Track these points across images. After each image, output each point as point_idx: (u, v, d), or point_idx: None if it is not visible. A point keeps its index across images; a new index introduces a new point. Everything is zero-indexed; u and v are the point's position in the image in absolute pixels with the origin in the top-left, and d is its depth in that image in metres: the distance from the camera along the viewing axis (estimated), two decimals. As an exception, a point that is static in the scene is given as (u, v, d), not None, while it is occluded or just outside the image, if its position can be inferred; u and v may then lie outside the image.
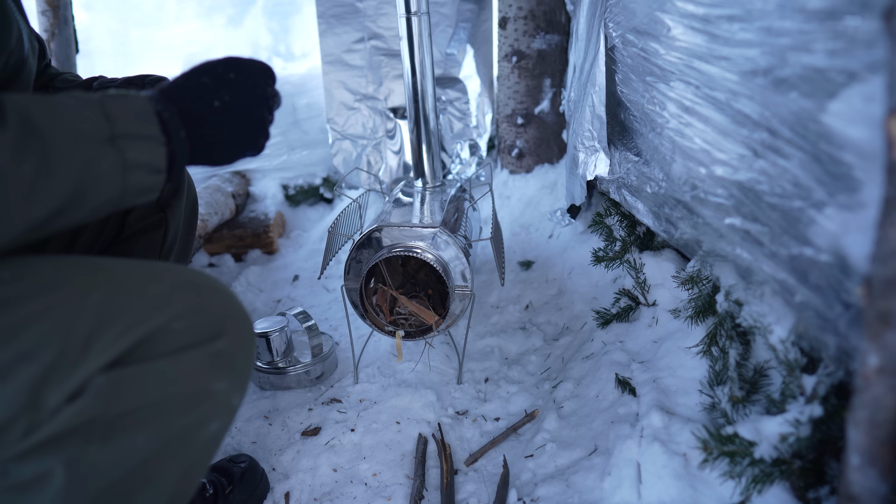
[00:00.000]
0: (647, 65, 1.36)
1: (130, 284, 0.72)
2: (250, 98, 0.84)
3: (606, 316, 1.62)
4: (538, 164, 2.53)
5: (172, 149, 0.76)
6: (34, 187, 0.64)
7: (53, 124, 0.66)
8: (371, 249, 1.57)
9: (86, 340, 0.67)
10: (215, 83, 0.81)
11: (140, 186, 0.73)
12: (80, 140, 0.67)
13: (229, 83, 0.82)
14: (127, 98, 0.74)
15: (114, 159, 0.69)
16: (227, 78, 0.82)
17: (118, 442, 0.70)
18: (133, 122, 0.72)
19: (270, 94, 0.87)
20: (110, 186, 0.70)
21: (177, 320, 0.73)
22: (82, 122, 0.68)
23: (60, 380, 0.65)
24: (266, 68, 0.87)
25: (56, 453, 0.66)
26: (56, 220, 0.68)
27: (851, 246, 0.80)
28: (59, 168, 0.65)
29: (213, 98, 0.80)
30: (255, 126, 0.85)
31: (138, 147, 0.72)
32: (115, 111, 0.71)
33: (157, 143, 0.74)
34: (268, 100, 0.86)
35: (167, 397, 0.72)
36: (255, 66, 0.86)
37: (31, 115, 0.65)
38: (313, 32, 2.68)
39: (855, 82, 0.78)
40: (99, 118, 0.69)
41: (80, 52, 2.51)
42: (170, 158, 0.76)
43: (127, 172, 0.71)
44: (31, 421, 0.64)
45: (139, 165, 0.72)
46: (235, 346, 0.78)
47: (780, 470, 0.93)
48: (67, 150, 0.66)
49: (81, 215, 0.70)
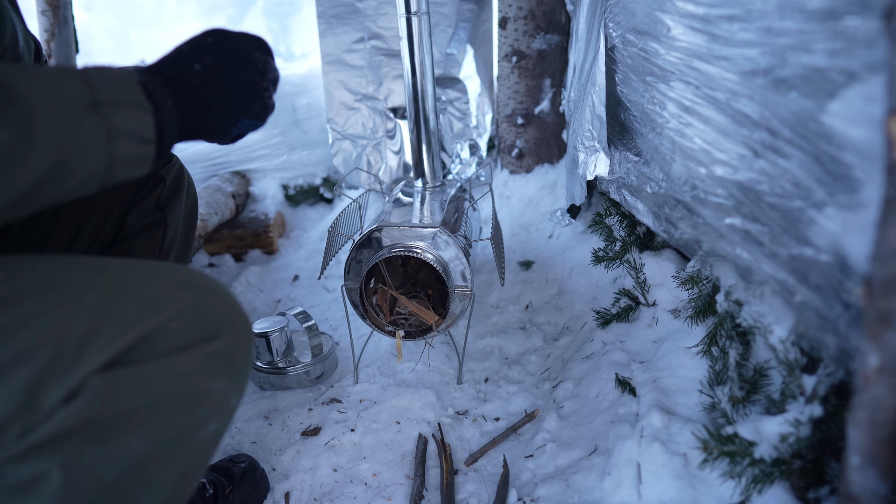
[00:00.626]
0: (647, 65, 1.36)
1: (127, 284, 0.72)
2: (234, 59, 0.80)
3: (606, 316, 1.62)
4: (538, 164, 2.53)
5: (160, 118, 0.73)
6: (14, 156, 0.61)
7: (32, 91, 0.63)
8: (371, 249, 1.57)
9: (82, 341, 0.66)
10: (193, 49, 0.79)
11: (129, 157, 0.70)
12: (61, 106, 0.64)
13: (208, 47, 0.79)
14: (108, 68, 0.71)
15: (98, 126, 0.66)
16: (205, 43, 0.79)
17: (115, 443, 0.69)
18: (116, 88, 0.69)
19: (260, 59, 0.83)
20: (96, 155, 0.67)
21: (174, 320, 0.72)
22: (62, 89, 0.65)
23: (56, 381, 0.65)
24: (256, 38, 0.84)
25: (52, 455, 0.66)
26: (41, 192, 0.65)
27: (851, 246, 0.80)
28: (39, 135, 0.62)
29: (193, 62, 0.77)
30: (244, 88, 0.81)
31: (124, 114, 0.69)
32: (96, 79, 0.68)
33: (144, 111, 0.71)
34: (255, 63, 0.82)
35: (164, 398, 0.72)
36: (242, 35, 0.83)
37: (7, 82, 0.62)
38: (313, 32, 2.68)
39: (855, 82, 0.78)
40: (80, 85, 0.67)
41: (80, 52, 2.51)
42: (158, 128, 0.72)
43: (113, 140, 0.68)
44: (27, 422, 0.64)
45: (126, 133, 0.69)
46: (233, 346, 0.78)
47: (780, 470, 0.93)
48: (48, 117, 0.63)
49: (68, 187, 0.67)
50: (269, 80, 0.85)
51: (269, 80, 0.85)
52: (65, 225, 1.10)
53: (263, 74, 0.84)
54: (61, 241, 1.10)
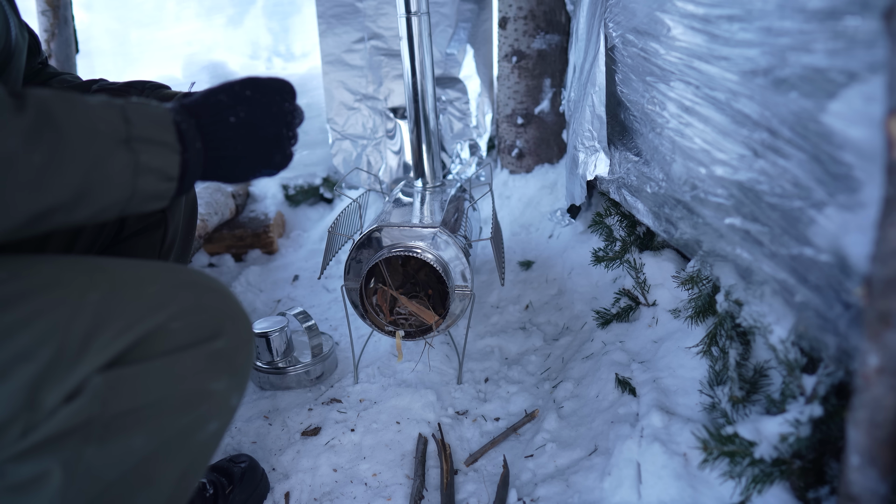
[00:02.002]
0: (647, 65, 1.36)
1: (128, 284, 0.72)
2: (266, 115, 0.85)
3: (606, 316, 1.62)
4: (538, 164, 2.53)
5: (186, 158, 0.76)
6: (42, 177, 0.64)
7: (71, 119, 0.66)
8: (371, 249, 1.57)
9: (83, 340, 0.66)
10: (232, 100, 0.82)
11: (150, 192, 0.73)
12: (96, 138, 0.68)
13: (245, 100, 0.83)
14: (148, 105, 0.74)
15: (126, 160, 0.70)
16: (243, 95, 0.83)
17: (116, 442, 0.70)
18: (151, 127, 0.73)
19: (288, 110, 0.88)
20: (120, 187, 0.70)
21: (175, 320, 0.72)
22: (100, 121, 0.69)
23: (58, 380, 0.65)
24: (285, 85, 0.88)
25: (54, 454, 0.66)
26: (60, 214, 0.67)
27: (851, 246, 0.80)
28: (70, 162, 0.65)
29: (230, 114, 0.81)
30: (270, 143, 0.86)
31: (152, 151, 0.72)
32: (134, 115, 0.72)
33: (172, 151, 0.74)
34: (285, 116, 0.87)
35: (165, 397, 0.72)
36: (274, 84, 0.87)
37: (50, 108, 0.65)
38: (313, 32, 2.68)
39: (855, 82, 0.78)
40: (118, 120, 0.70)
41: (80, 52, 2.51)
42: (182, 168, 0.76)
43: (138, 175, 0.71)
44: (29, 421, 0.64)
45: (151, 170, 0.72)
46: (234, 345, 0.78)
47: (780, 470, 0.93)
48: (81, 145, 0.66)
49: (87, 213, 0.69)
50: (294, 129, 0.90)
51: (293, 130, 0.89)
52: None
53: (290, 126, 0.88)
54: (62, 241, 1.10)
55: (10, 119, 0.62)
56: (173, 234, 1.23)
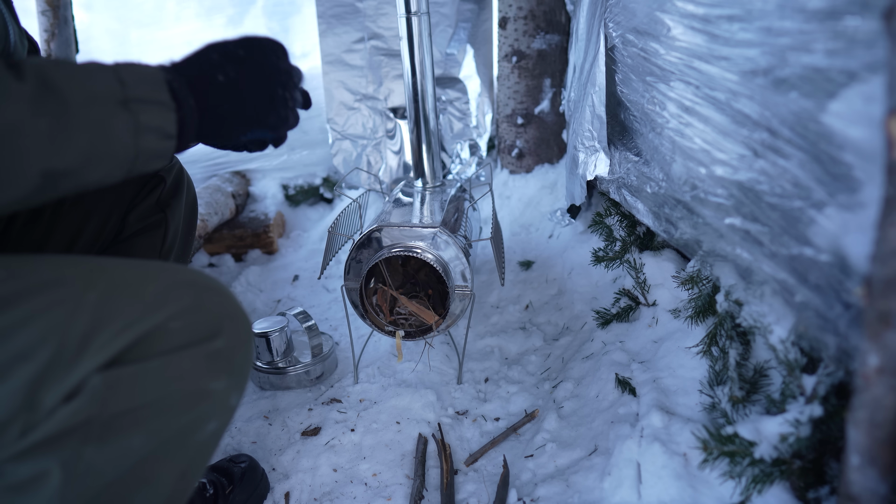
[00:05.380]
0: (647, 65, 1.36)
1: (127, 283, 0.72)
2: (258, 74, 0.83)
3: (606, 316, 1.62)
4: (538, 164, 2.52)
5: (182, 115, 0.77)
6: (50, 142, 0.65)
7: (70, 84, 0.67)
8: (371, 249, 1.57)
9: (82, 340, 0.66)
10: (222, 58, 0.82)
11: (152, 150, 0.74)
12: (96, 100, 0.69)
13: (237, 59, 0.82)
14: (138, 66, 0.75)
15: (127, 121, 0.71)
16: (235, 54, 0.83)
17: (115, 442, 0.70)
18: (145, 87, 0.73)
19: (283, 69, 0.86)
20: (124, 148, 0.71)
21: (174, 320, 0.72)
22: (97, 84, 0.70)
23: (57, 379, 0.65)
24: (278, 45, 0.87)
25: (53, 453, 0.66)
26: (70, 179, 0.68)
27: (851, 246, 0.80)
28: (74, 126, 0.66)
29: (218, 72, 0.81)
30: (263, 102, 0.84)
31: (150, 111, 0.73)
32: (127, 76, 0.72)
33: (168, 109, 0.75)
34: (279, 75, 0.85)
35: (164, 397, 0.72)
36: (267, 43, 0.86)
37: (48, 74, 0.66)
38: (313, 32, 2.68)
39: (855, 82, 0.78)
40: (113, 81, 0.71)
41: (80, 52, 2.51)
42: (180, 125, 0.77)
43: (139, 135, 0.72)
44: (28, 421, 0.64)
45: (151, 129, 0.73)
46: (233, 345, 0.78)
47: (780, 470, 0.93)
48: (83, 109, 0.67)
49: (96, 176, 0.70)
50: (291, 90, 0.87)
51: (290, 91, 0.87)
52: (65, 225, 1.10)
53: (285, 85, 0.86)
54: (62, 241, 1.10)
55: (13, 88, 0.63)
56: (173, 235, 1.23)
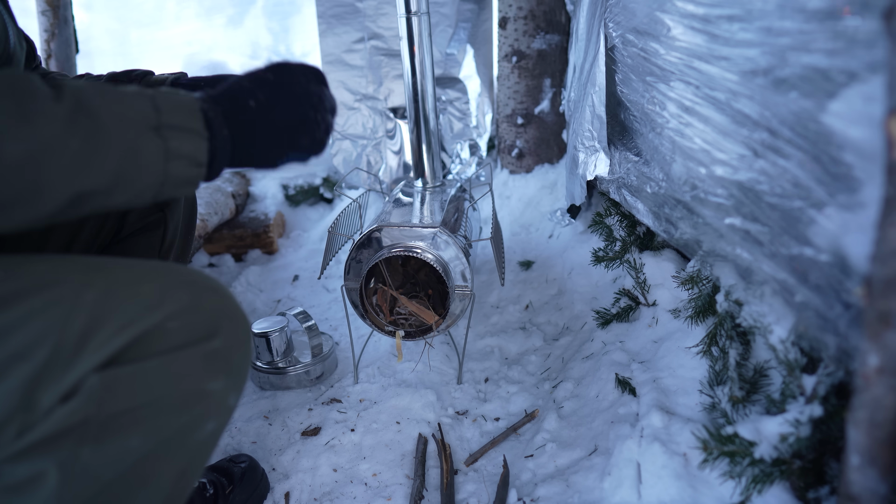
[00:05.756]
0: (647, 65, 1.36)
1: (125, 283, 0.72)
2: (289, 98, 0.86)
3: (606, 316, 1.62)
4: (538, 164, 2.53)
5: (214, 145, 0.78)
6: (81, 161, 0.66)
7: (104, 107, 0.69)
8: (371, 249, 1.57)
9: (80, 339, 0.66)
10: (253, 84, 0.84)
11: (180, 177, 0.75)
12: (129, 124, 0.71)
13: (267, 83, 0.85)
14: (176, 94, 0.77)
15: (157, 146, 0.72)
16: (265, 79, 0.85)
17: (112, 442, 0.69)
18: (179, 114, 0.75)
19: (314, 92, 0.88)
20: (153, 173, 0.73)
21: (171, 319, 0.72)
22: (132, 108, 0.72)
23: (54, 380, 0.65)
24: (312, 69, 0.90)
25: (50, 454, 0.66)
26: (98, 198, 0.69)
27: (851, 246, 0.80)
28: (106, 147, 0.68)
29: (249, 97, 0.83)
30: (294, 126, 0.86)
31: (182, 138, 0.74)
32: (163, 104, 0.74)
33: (201, 138, 0.76)
34: (310, 98, 0.87)
35: (162, 397, 0.72)
36: (299, 68, 0.88)
37: (84, 96, 0.67)
38: (313, 32, 2.68)
39: (855, 82, 0.78)
40: (148, 108, 0.73)
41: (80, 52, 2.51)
42: (211, 154, 0.78)
43: (169, 161, 0.73)
44: (25, 421, 0.64)
45: (181, 156, 0.74)
46: (231, 345, 0.78)
47: (780, 470, 0.93)
48: (115, 131, 0.69)
49: (124, 198, 0.72)
50: (324, 113, 0.90)
51: (323, 114, 0.90)
52: (64, 224, 1.10)
53: (317, 108, 0.89)
54: (61, 240, 1.10)
55: (50, 107, 0.65)
56: (173, 234, 1.23)
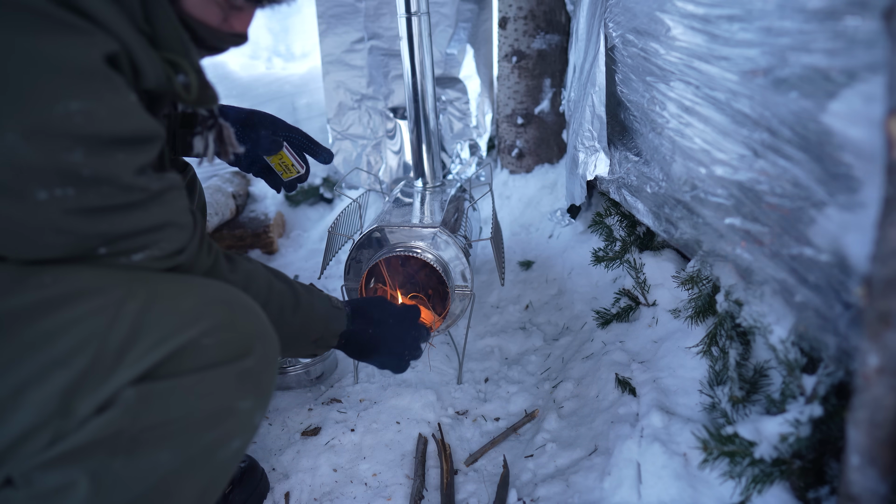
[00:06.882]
0: (647, 65, 1.36)
1: (165, 296, 0.72)
2: (394, 340, 1.22)
3: (606, 316, 1.62)
4: (538, 164, 2.52)
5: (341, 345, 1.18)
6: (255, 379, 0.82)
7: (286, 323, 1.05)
8: (371, 249, 1.57)
9: (119, 351, 0.67)
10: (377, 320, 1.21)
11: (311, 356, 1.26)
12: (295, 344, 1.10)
13: (383, 324, 1.21)
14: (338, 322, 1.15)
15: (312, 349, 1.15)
16: (385, 321, 1.21)
17: (143, 456, 0.69)
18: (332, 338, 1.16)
19: (413, 336, 1.24)
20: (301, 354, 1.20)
21: (207, 336, 0.73)
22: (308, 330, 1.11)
23: (91, 389, 0.65)
24: (416, 312, 1.26)
25: (82, 464, 0.66)
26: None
27: (851, 246, 0.80)
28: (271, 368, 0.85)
29: (368, 327, 1.19)
30: (392, 356, 1.23)
31: (329, 344, 1.16)
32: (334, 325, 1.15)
33: (333, 345, 1.18)
34: (408, 341, 1.23)
35: (193, 413, 0.72)
36: (409, 312, 1.25)
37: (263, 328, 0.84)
38: (313, 32, 2.68)
39: (855, 82, 0.78)
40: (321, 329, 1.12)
41: (80, 52, 2.50)
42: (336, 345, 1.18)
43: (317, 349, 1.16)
44: (59, 429, 0.64)
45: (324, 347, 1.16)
46: (261, 366, 0.79)
47: (780, 470, 0.93)
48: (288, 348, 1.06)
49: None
50: (418, 350, 1.26)
51: (417, 351, 1.26)
52: None
53: (412, 347, 1.24)
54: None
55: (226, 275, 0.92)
56: None
